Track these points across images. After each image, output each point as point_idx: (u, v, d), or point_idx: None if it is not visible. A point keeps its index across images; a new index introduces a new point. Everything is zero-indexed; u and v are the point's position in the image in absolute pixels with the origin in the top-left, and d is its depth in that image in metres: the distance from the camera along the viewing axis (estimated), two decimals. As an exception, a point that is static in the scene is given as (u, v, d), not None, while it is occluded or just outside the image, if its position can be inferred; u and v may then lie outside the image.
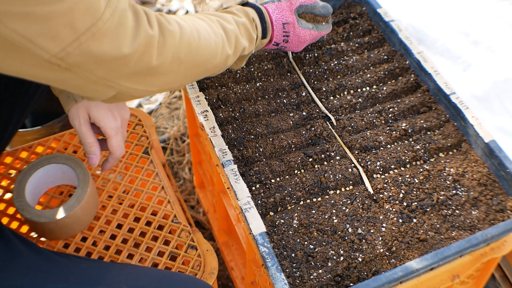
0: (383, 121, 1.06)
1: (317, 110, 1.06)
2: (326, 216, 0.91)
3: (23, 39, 0.53)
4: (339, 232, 0.90)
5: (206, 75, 0.85)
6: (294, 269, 0.85)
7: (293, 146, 1.01)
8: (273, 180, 0.96)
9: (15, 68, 0.58)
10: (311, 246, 0.88)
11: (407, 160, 1.00)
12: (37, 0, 0.52)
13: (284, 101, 1.07)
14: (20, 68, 0.58)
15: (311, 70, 1.13)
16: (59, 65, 0.58)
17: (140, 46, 0.64)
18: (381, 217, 0.92)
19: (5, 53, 0.55)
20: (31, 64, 0.57)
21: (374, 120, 1.05)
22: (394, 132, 1.03)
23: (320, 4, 1.02)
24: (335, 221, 0.91)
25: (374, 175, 0.98)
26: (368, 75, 1.12)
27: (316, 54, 1.15)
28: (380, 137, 1.02)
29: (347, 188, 0.96)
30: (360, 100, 1.08)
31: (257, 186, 0.95)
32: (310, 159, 0.98)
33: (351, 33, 1.21)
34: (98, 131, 0.86)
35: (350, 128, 1.04)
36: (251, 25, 0.90)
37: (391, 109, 1.07)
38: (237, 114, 1.04)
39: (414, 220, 0.92)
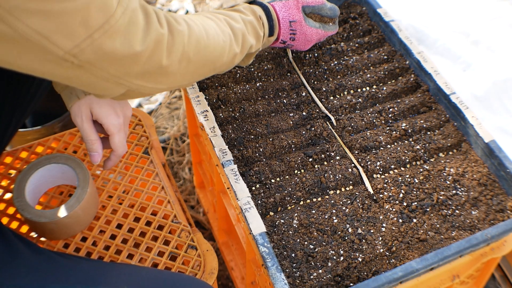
0: (383, 121, 1.06)
1: (317, 110, 1.06)
2: (326, 216, 0.91)
3: (39, 36, 0.54)
4: (339, 232, 0.90)
5: (214, 73, 0.86)
6: (294, 269, 0.85)
7: (293, 146, 1.01)
8: (273, 180, 0.96)
9: (30, 65, 0.59)
10: (311, 246, 0.88)
11: (407, 160, 1.00)
12: None
13: (284, 101, 1.07)
14: (35, 66, 0.59)
15: (311, 70, 1.13)
16: (72, 62, 0.59)
17: (150, 44, 0.65)
18: (381, 217, 0.92)
19: (21, 50, 0.56)
20: (46, 61, 0.58)
21: (374, 120, 1.05)
22: (394, 132, 1.03)
23: (328, 6, 1.02)
24: (335, 221, 0.91)
25: (374, 175, 0.98)
26: (368, 75, 1.12)
27: (316, 54, 1.15)
28: (380, 137, 1.02)
29: (347, 188, 0.96)
30: (360, 100, 1.08)
31: (257, 186, 0.95)
32: (310, 159, 0.98)
33: (351, 33, 1.21)
34: (100, 130, 0.86)
35: (350, 128, 1.04)
36: (258, 23, 0.91)
37: (391, 109, 1.07)
38: (237, 114, 1.04)
39: (414, 220, 0.92)
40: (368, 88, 1.12)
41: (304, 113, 1.06)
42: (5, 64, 0.58)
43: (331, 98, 1.09)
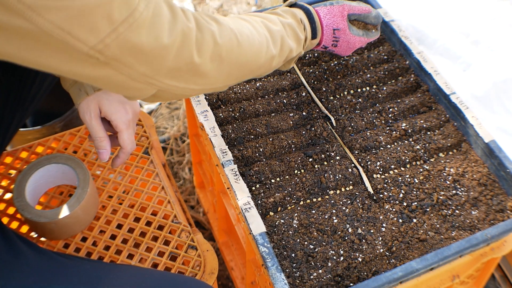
0: (383, 121, 1.06)
1: (317, 110, 1.06)
2: (326, 216, 0.91)
3: (62, 31, 0.53)
4: (339, 232, 0.90)
5: (252, 76, 0.83)
6: (294, 269, 0.85)
7: (293, 146, 1.01)
8: (273, 180, 0.96)
9: (55, 63, 0.57)
10: (311, 246, 0.88)
11: (407, 160, 1.00)
12: None
13: (284, 101, 1.07)
14: (60, 64, 0.58)
15: (311, 70, 1.13)
16: (98, 58, 0.57)
17: (178, 37, 0.63)
18: (381, 217, 0.92)
19: (44, 47, 0.55)
20: (72, 59, 0.57)
21: (374, 120, 1.05)
22: (394, 132, 1.03)
23: (373, 15, 1.00)
24: (335, 221, 0.91)
25: (374, 175, 0.98)
26: (368, 75, 1.12)
27: (316, 54, 1.16)
28: (380, 137, 1.02)
29: (347, 188, 0.96)
30: (360, 100, 1.08)
31: (257, 186, 0.95)
32: (310, 159, 0.98)
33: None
34: (107, 128, 0.85)
35: (350, 128, 1.04)
36: (298, 26, 0.88)
37: (391, 109, 1.07)
38: (237, 114, 1.04)
39: (414, 220, 0.92)
40: (368, 88, 1.12)
41: (304, 113, 1.06)
42: (30, 63, 0.57)
43: (331, 98, 1.09)
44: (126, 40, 0.58)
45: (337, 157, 0.99)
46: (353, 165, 0.98)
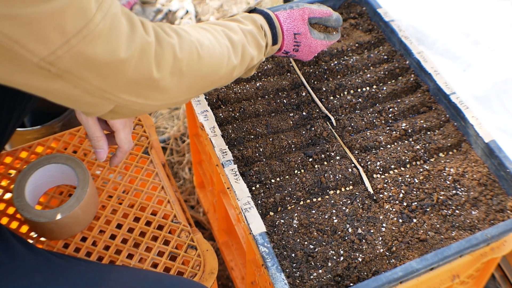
0: (383, 121, 1.06)
1: (317, 110, 1.06)
2: (326, 216, 0.91)
3: (10, 40, 0.51)
4: (339, 232, 0.90)
5: (213, 87, 0.81)
6: (294, 269, 0.85)
7: (293, 146, 1.01)
8: (273, 180, 0.96)
9: (5, 75, 0.55)
10: (311, 246, 0.88)
11: (407, 160, 1.00)
12: (23, 2, 0.50)
13: (284, 101, 1.07)
14: (10, 75, 0.55)
15: (311, 70, 1.13)
16: (49, 70, 0.55)
17: (136, 51, 0.61)
18: (381, 217, 0.92)
19: None
20: (20, 70, 0.55)
21: (374, 120, 1.05)
22: (394, 132, 1.03)
23: (334, 17, 0.99)
24: (335, 221, 0.91)
25: (374, 175, 0.98)
26: (368, 75, 1.12)
27: (316, 54, 1.15)
28: (380, 137, 1.02)
29: (347, 188, 0.96)
30: (360, 100, 1.08)
31: (257, 186, 0.95)
32: (310, 159, 0.98)
33: (351, 33, 1.21)
34: (103, 127, 0.85)
35: (350, 128, 1.04)
36: (259, 33, 0.86)
37: (391, 109, 1.07)
38: (237, 114, 1.04)
39: (414, 220, 0.92)
40: (368, 88, 1.12)
41: (304, 113, 1.06)
42: None
43: (331, 98, 1.09)
44: (80, 53, 0.56)
45: (337, 157, 0.99)
46: (353, 165, 0.98)
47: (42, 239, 0.95)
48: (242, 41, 0.82)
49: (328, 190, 0.95)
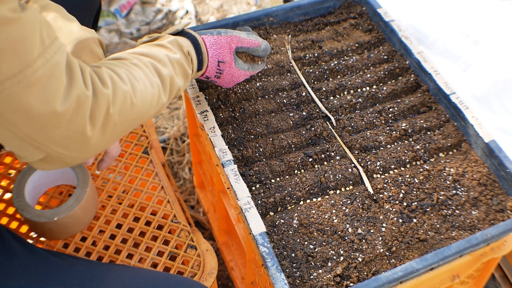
0: (383, 121, 1.06)
1: (317, 110, 1.06)
2: (326, 216, 0.91)
3: None
4: (339, 232, 0.90)
5: (139, 124, 0.80)
6: (294, 269, 0.85)
7: (293, 146, 1.01)
8: (273, 180, 0.96)
9: None
10: (311, 246, 0.88)
11: (407, 160, 1.00)
12: None
13: (284, 101, 1.07)
14: None
15: (311, 70, 1.13)
16: None
17: (72, 105, 0.59)
18: (381, 217, 0.92)
19: None
20: None
21: (374, 120, 1.05)
22: (394, 132, 1.03)
23: (262, 48, 0.96)
24: (335, 221, 0.91)
25: (374, 175, 0.98)
26: (368, 75, 1.12)
27: (316, 54, 1.15)
28: (380, 137, 1.02)
29: (347, 188, 0.96)
30: (360, 100, 1.08)
31: (257, 186, 0.95)
32: (310, 159, 0.98)
33: (351, 33, 1.21)
34: None
35: (350, 128, 1.04)
36: (186, 61, 0.84)
37: (391, 109, 1.07)
38: (237, 114, 1.04)
39: (414, 220, 0.92)
40: (368, 88, 1.12)
41: (304, 113, 1.06)
42: None
43: (331, 98, 1.09)
44: (12, 97, 0.54)
45: (337, 157, 0.99)
46: (353, 165, 0.98)
47: (42, 239, 0.95)
48: (171, 74, 0.80)
49: (328, 190, 0.95)
